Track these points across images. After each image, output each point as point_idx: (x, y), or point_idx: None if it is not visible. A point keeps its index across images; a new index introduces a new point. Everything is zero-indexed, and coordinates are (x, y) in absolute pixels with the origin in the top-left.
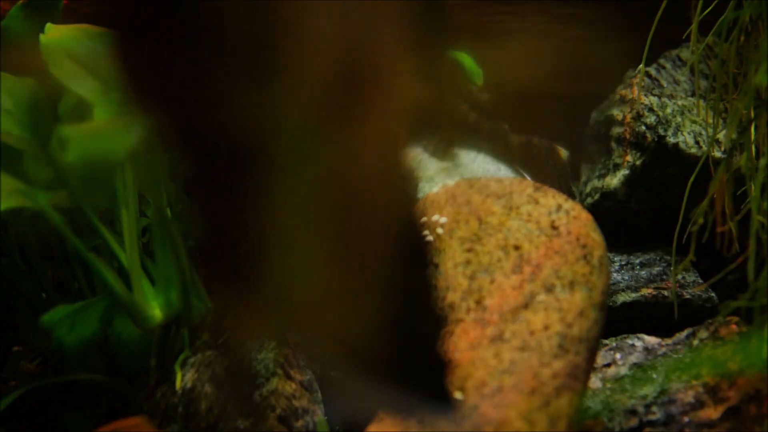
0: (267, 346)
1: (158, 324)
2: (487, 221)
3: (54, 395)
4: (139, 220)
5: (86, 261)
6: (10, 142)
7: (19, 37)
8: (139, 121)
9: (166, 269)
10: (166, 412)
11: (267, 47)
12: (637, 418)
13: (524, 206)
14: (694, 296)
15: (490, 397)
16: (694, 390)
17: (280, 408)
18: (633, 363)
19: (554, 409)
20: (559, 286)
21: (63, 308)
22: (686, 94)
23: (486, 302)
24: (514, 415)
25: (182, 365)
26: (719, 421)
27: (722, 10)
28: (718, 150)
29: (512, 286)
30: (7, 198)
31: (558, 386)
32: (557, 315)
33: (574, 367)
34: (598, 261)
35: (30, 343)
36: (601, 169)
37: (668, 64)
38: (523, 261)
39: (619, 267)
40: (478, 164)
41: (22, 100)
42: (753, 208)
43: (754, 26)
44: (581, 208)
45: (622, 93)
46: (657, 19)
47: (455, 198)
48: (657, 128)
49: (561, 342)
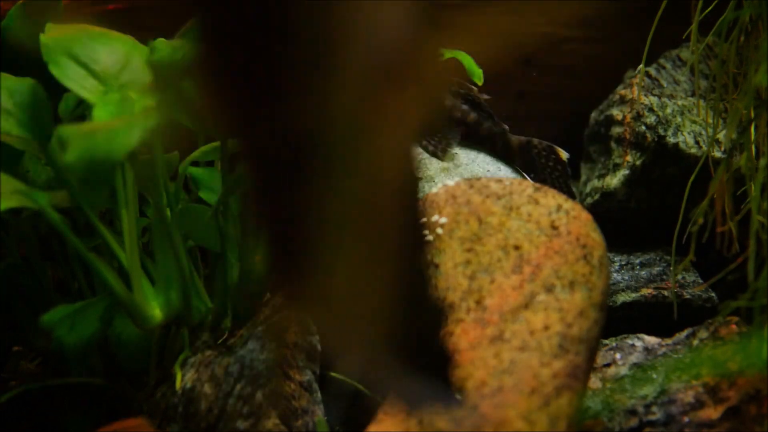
0: (267, 347)
1: (158, 324)
2: (487, 221)
3: (54, 395)
4: (139, 220)
5: (86, 261)
6: (10, 142)
7: (19, 36)
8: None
9: (166, 269)
10: (166, 412)
11: (329, 53)
12: (637, 418)
13: (524, 206)
14: (694, 296)
15: (490, 397)
16: (694, 390)
17: (280, 408)
18: (633, 363)
19: (554, 409)
20: (559, 286)
21: (63, 308)
22: (686, 94)
23: (486, 302)
24: (514, 415)
25: (182, 365)
26: (719, 421)
27: (722, 10)
28: (718, 150)
29: (512, 286)
30: (7, 198)
31: (558, 386)
32: (557, 315)
33: (574, 367)
34: (598, 261)
35: (30, 343)
36: (601, 169)
37: (668, 64)
38: (523, 261)
39: (619, 267)
40: (478, 164)
41: (22, 100)
42: (753, 208)
43: (754, 26)
44: (581, 208)
45: (622, 93)
46: (657, 19)
47: (455, 198)
48: (657, 128)
49: (561, 342)
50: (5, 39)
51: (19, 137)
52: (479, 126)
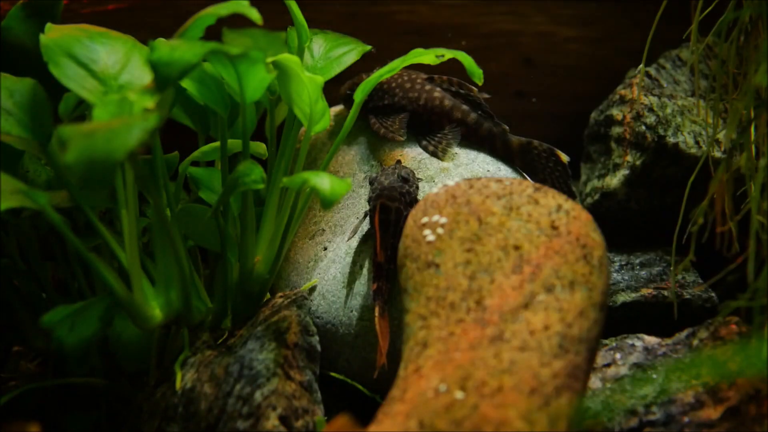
0: (267, 347)
1: (158, 324)
2: (487, 221)
3: (54, 395)
4: (139, 220)
5: (86, 261)
6: (10, 142)
7: (19, 36)
8: (138, 122)
9: (166, 269)
10: (166, 412)
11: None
12: (637, 418)
13: (524, 206)
14: (694, 296)
15: (490, 397)
16: (694, 390)
17: (280, 408)
18: (633, 363)
19: (554, 409)
20: (559, 286)
21: (63, 308)
22: (686, 94)
23: (486, 302)
24: (514, 415)
25: (182, 365)
26: (719, 421)
27: (722, 10)
28: (718, 150)
29: (512, 286)
30: (7, 198)
31: (558, 386)
32: (557, 315)
33: (574, 367)
34: (598, 261)
35: (30, 343)
36: (601, 169)
37: (668, 64)
38: (523, 261)
39: (619, 267)
40: (478, 164)
41: (22, 100)
42: (753, 208)
43: (754, 26)
44: (581, 208)
45: (622, 93)
46: (657, 19)
47: (455, 198)
48: (657, 128)
49: (561, 342)
50: (5, 39)
51: (19, 137)
52: (479, 126)
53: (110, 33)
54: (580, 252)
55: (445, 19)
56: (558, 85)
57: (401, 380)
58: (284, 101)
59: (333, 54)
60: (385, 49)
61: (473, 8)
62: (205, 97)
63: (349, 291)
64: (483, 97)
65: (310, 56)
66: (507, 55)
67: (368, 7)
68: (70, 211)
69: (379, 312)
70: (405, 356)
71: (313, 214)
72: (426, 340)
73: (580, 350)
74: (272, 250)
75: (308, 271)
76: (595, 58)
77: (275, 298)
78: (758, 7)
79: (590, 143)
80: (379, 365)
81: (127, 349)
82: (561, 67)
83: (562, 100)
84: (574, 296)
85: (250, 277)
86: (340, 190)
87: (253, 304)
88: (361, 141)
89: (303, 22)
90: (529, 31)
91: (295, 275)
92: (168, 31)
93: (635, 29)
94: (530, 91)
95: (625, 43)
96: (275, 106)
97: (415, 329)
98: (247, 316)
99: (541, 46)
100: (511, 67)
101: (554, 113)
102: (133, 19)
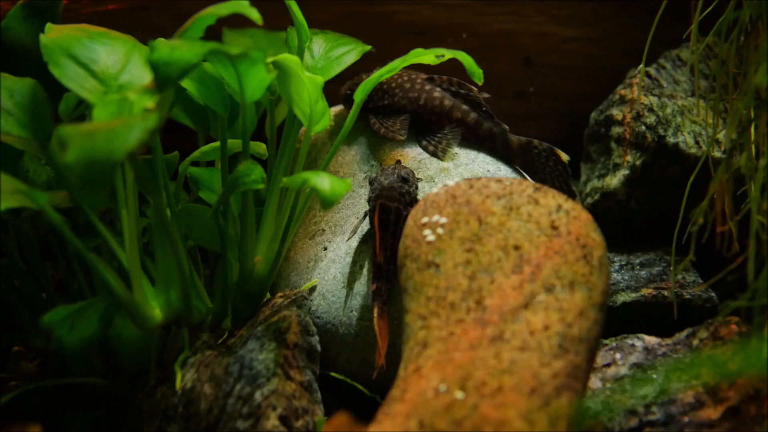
0: (267, 347)
1: (158, 324)
2: (487, 221)
3: (54, 395)
4: (139, 220)
5: (86, 261)
6: (10, 142)
7: (19, 36)
8: (138, 122)
9: (166, 269)
10: (166, 412)
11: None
12: (637, 418)
13: (524, 206)
14: (694, 296)
15: (490, 397)
16: (694, 390)
17: (280, 408)
18: (633, 363)
19: (554, 409)
20: (559, 286)
21: (63, 308)
22: (686, 94)
23: (486, 302)
24: (514, 415)
25: (182, 365)
26: (719, 421)
27: (722, 10)
28: (718, 150)
29: (512, 286)
30: (7, 198)
31: (558, 386)
32: (557, 315)
33: (574, 367)
34: (598, 261)
35: (30, 343)
36: (601, 169)
37: (668, 64)
38: (523, 261)
39: (619, 267)
40: (478, 164)
41: (22, 100)
42: (753, 208)
43: (754, 26)
44: (581, 208)
45: (622, 93)
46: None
47: (455, 198)
48: (657, 128)
49: (561, 342)
50: (5, 39)
51: (19, 137)
52: (479, 126)
53: (110, 33)
54: (580, 252)
55: (445, 19)
56: (558, 85)
57: (401, 380)
58: (284, 101)
59: (333, 54)
60: (385, 49)
61: (473, 8)
62: (205, 97)
63: (349, 291)
64: (483, 97)
65: (310, 56)
66: (507, 55)
67: (368, 7)
68: (70, 211)
69: (378, 313)
70: (405, 356)
71: (313, 214)
72: (426, 340)
73: (580, 350)
74: (272, 250)
75: (308, 271)
76: (595, 58)
77: (275, 298)
78: (758, 7)
79: (590, 143)
80: (378, 366)
81: (127, 349)
82: (561, 67)
83: (562, 100)
84: (574, 296)
85: (250, 277)
86: (340, 190)
87: (253, 304)
88: (361, 141)
89: (303, 22)
90: (529, 31)
91: (295, 275)
92: (168, 31)
93: (635, 29)
94: (530, 91)
95: (625, 43)
96: (275, 106)
97: (415, 329)
98: (247, 316)
99: (541, 46)
100: (511, 67)
101: (554, 113)
102: (133, 19)
